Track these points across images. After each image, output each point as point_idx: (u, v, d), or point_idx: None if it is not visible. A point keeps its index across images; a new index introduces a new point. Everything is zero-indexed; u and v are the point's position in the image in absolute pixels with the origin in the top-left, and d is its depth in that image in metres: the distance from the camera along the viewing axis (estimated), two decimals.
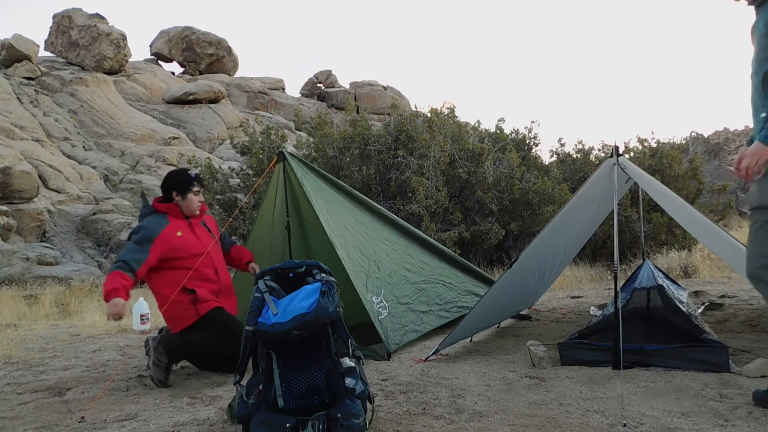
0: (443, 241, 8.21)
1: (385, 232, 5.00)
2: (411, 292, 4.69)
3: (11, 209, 12.63)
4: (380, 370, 3.75)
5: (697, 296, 6.01)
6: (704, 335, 3.57)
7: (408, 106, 25.24)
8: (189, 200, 3.87)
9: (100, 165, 16.63)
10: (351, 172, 9.59)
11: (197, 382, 3.76)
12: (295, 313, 2.58)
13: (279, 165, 4.54)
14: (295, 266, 2.92)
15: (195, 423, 2.89)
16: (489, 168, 9.84)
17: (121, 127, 18.75)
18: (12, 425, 3.02)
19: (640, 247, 8.94)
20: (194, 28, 28.12)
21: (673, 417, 2.64)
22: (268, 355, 2.67)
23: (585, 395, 3.03)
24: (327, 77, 31.18)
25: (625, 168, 3.75)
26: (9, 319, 7.21)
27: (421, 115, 10.90)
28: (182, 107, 21.74)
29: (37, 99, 18.69)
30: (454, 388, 3.26)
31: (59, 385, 3.86)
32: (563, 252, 4.97)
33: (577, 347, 3.68)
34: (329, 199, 4.66)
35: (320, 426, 2.40)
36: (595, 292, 7.30)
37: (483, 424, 2.68)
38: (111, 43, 22.20)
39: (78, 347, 5.35)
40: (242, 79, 26.53)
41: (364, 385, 2.65)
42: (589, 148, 12.33)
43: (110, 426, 2.93)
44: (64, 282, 10.23)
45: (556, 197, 9.93)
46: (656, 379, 3.23)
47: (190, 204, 3.88)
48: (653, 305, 4.35)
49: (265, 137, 11.17)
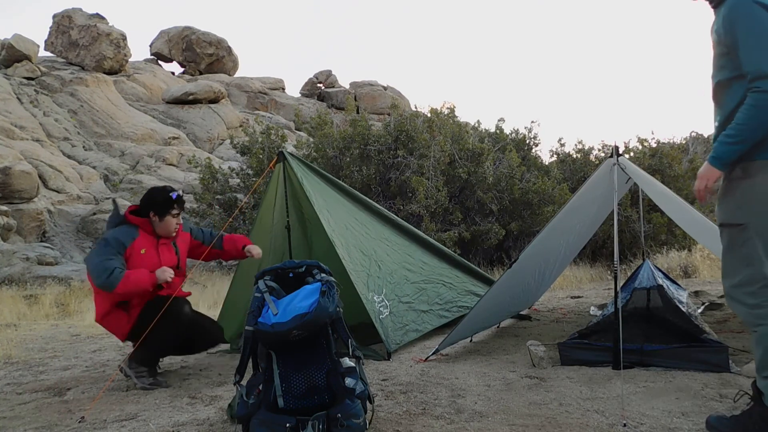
0: (443, 241, 8.22)
1: (385, 232, 5.00)
2: (412, 292, 4.70)
3: (11, 209, 12.63)
4: (380, 370, 3.75)
5: (697, 296, 6.01)
6: (704, 335, 3.57)
7: (408, 106, 25.23)
8: (166, 222, 3.71)
9: (100, 165, 16.63)
10: (351, 172, 9.60)
11: (197, 382, 3.76)
12: (295, 313, 2.58)
13: (279, 165, 4.54)
14: (295, 266, 2.92)
15: (195, 423, 2.89)
16: (489, 168, 9.84)
17: (121, 127, 18.75)
18: (12, 425, 3.02)
19: (640, 247, 8.95)
20: (194, 28, 28.11)
21: (673, 417, 2.64)
22: (268, 355, 2.67)
23: (585, 395, 3.03)
24: (327, 77, 31.18)
25: (625, 168, 3.76)
26: (9, 319, 7.20)
27: (421, 115, 10.91)
28: (182, 107, 21.73)
29: (37, 99, 18.69)
30: (454, 388, 3.26)
31: (59, 385, 3.86)
32: (563, 252, 4.97)
33: (577, 347, 3.69)
34: (329, 199, 4.66)
35: (320, 426, 2.40)
36: (595, 292, 7.30)
37: (483, 424, 2.68)
38: (111, 43, 22.20)
39: (78, 347, 5.35)
40: (242, 79, 26.53)
41: (364, 385, 2.65)
42: (589, 148, 12.36)
43: (110, 426, 2.93)
44: (64, 282, 10.22)
45: (556, 197, 9.93)
46: (656, 379, 3.23)
47: (167, 226, 3.73)
48: (653, 305, 4.36)
49: (265, 137, 11.18)
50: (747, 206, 2.36)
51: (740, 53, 2.30)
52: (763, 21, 2.27)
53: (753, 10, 2.29)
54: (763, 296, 2.31)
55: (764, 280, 2.31)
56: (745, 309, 2.36)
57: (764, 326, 2.30)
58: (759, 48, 2.26)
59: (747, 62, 2.28)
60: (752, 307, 2.33)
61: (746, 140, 2.30)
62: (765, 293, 2.31)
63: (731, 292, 2.43)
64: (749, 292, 2.34)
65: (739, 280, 2.38)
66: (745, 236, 2.36)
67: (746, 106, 2.28)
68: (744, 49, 2.29)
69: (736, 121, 2.31)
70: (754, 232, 2.34)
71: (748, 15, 2.29)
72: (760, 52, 2.26)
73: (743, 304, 2.37)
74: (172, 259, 3.80)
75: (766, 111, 2.24)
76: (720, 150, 2.38)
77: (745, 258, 2.36)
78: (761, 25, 2.27)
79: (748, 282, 2.35)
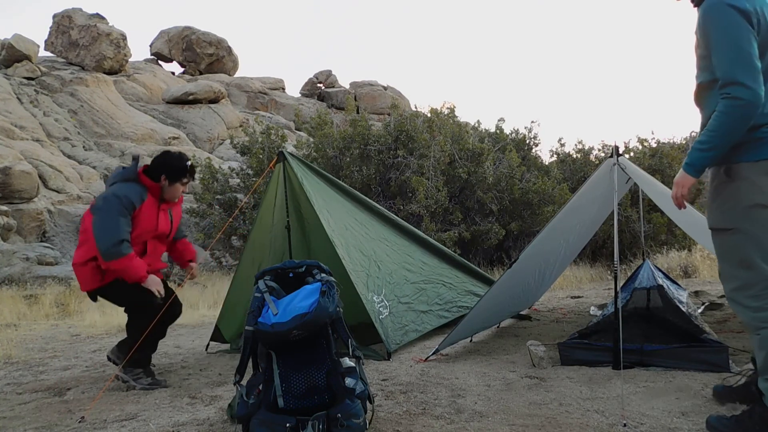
0: (443, 241, 8.22)
1: (384, 232, 5.00)
2: (411, 292, 4.70)
3: (11, 209, 12.62)
4: (380, 370, 3.75)
5: (697, 296, 6.01)
6: (704, 335, 3.57)
7: (408, 106, 25.23)
8: (175, 188, 3.73)
9: (100, 165, 16.62)
10: (351, 172, 9.59)
11: (197, 382, 3.76)
12: (295, 313, 2.58)
13: (279, 165, 4.54)
14: (295, 266, 2.92)
15: (195, 423, 2.89)
16: (489, 168, 9.84)
17: (121, 127, 18.74)
18: (12, 425, 3.02)
19: (640, 247, 8.95)
20: (194, 28, 28.10)
21: (673, 417, 2.64)
22: (268, 355, 2.67)
23: (585, 395, 3.03)
24: (327, 77, 31.16)
25: (625, 168, 3.76)
26: (9, 319, 7.20)
27: (421, 115, 10.91)
28: (182, 107, 21.72)
29: (37, 99, 18.69)
30: (454, 388, 3.26)
31: (59, 385, 3.86)
32: (563, 252, 4.97)
33: (577, 347, 3.68)
34: (329, 199, 4.66)
35: (320, 426, 2.40)
36: (595, 292, 7.30)
37: (483, 424, 2.68)
38: (111, 43, 22.19)
39: (78, 347, 5.35)
40: (242, 79, 26.52)
41: (364, 385, 2.65)
42: (589, 148, 12.37)
43: (110, 426, 2.93)
44: (64, 282, 10.22)
45: (556, 197, 9.93)
46: (656, 379, 3.23)
47: (174, 192, 3.75)
48: (653, 305, 4.36)
49: (265, 137, 11.18)
50: (733, 210, 2.35)
51: (713, 58, 2.29)
52: (735, 25, 2.23)
53: (726, 14, 2.25)
54: (766, 298, 2.29)
55: (765, 281, 2.30)
56: (749, 312, 2.34)
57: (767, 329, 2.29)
58: (729, 53, 2.24)
59: (718, 67, 2.27)
60: (755, 310, 2.31)
61: (717, 147, 2.29)
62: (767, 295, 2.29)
63: (733, 296, 2.41)
64: (751, 295, 2.32)
65: (739, 284, 2.37)
66: (736, 240, 2.35)
67: (717, 113, 2.27)
68: (715, 54, 2.28)
69: (708, 127, 2.30)
70: (744, 235, 2.33)
71: (721, 19, 2.27)
72: (729, 58, 2.24)
73: (746, 307, 2.35)
74: (167, 226, 3.83)
75: (734, 117, 2.23)
76: (693, 156, 2.37)
77: (742, 261, 2.34)
78: (733, 30, 2.24)
79: (749, 285, 2.33)
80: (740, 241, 2.34)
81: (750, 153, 2.29)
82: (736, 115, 2.22)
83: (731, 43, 2.23)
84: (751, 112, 2.21)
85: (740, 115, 2.22)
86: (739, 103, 2.20)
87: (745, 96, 2.19)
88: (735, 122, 2.23)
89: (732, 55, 2.23)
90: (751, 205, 2.30)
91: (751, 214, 2.30)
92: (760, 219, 2.30)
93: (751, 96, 2.19)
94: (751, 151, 2.29)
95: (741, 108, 2.21)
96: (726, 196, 2.37)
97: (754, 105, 2.20)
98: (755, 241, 2.31)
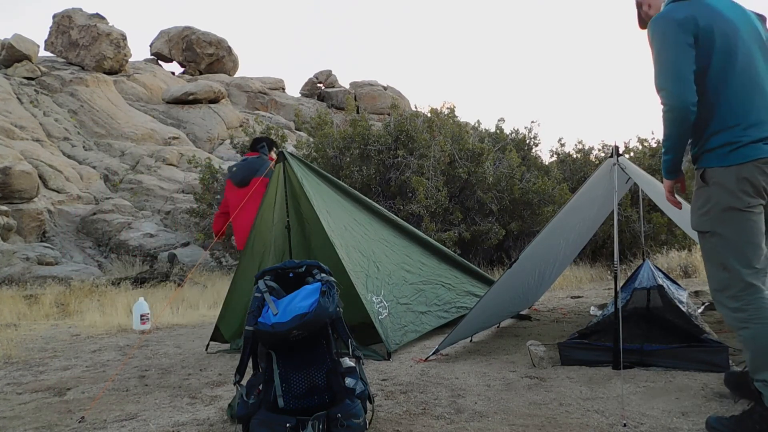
0: (443, 241, 8.21)
1: (384, 233, 5.00)
2: (410, 293, 4.70)
3: (11, 209, 12.62)
4: (380, 370, 3.75)
5: (697, 296, 6.01)
6: (704, 335, 3.57)
7: (408, 106, 25.22)
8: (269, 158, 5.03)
9: (100, 165, 16.62)
10: (351, 172, 9.59)
11: (197, 382, 3.76)
12: (295, 313, 2.58)
13: (279, 165, 4.54)
14: (295, 266, 2.92)
15: (195, 423, 2.89)
16: (489, 168, 9.83)
17: (121, 127, 18.74)
18: (12, 425, 3.02)
19: (640, 247, 8.95)
20: (194, 28, 28.08)
21: (673, 417, 2.64)
22: (268, 355, 2.67)
23: (585, 395, 3.03)
24: (327, 77, 31.15)
25: (625, 168, 3.76)
26: (9, 319, 7.20)
27: (421, 115, 10.90)
28: (182, 107, 21.72)
29: (37, 99, 18.68)
30: (454, 388, 3.26)
31: (59, 385, 3.86)
32: (563, 252, 4.97)
33: (577, 347, 3.68)
34: (329, 200, 4.66)
35: (320, 426, 2.40)
36: (595, 292, 7.30)
37: (483, 424, 2.68)
38: (111, 43, 22.19)
39: (78, 347, 5.35)
40: (242, 79, 26.51)
41: (364, 385, 2.65)
42: (589, 148, 12.36)
43: (110, 426, 2.93)
44: (64, 282, 10.21)
45: (556, 197, 9.93)
46: (656, 379, 3.23)
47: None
48: (653, 305, 4.35)
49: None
50: (708, 214, 2.42)
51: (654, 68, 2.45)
52: (665, 36, 2.39)
53: (659, 26, 2.42)
54: (744, 300, 2.33)
55: (742, 282, 2.34)
56: (729, 312, 2.40)
57: (748, 329, 2.33)
58: (658, 64, 2.41)
59: (655, 77, 2.42)
60: (734, 310, 2.37)
61: (670, 150, 2.46)
62: (745, 296, 2.33)
63: (715, 296, 2.47)
64: (730, 296, 2.38)
65: (719, 285, 2.43)
66: (714, 243, 2.41)
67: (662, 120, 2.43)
68: (655, 65, 2.44)
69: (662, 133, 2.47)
70: (720, 238, 2.38)
71: (656, 31, 2.43)
72: (658, 68, 2.41)
73: (726, 307, 2.41)
74: None
75: (670, 122, 2.39)
76: (662, 161, 2.55)
77: (720, 263, 2.40)
78: (664, 41, 2.39)
79: (727, 286, 2.38)
80: (717, 244, 2.41)
81: (721, 158, 2.37)
82: (669, 120, 2.39)
83: (659, 54, 2.41)
84: (681, 115, 2.35)
85: (673, 119, 2.37)
86: (667, 108, 2.37)
87: (671, 101, 2.35)
88: (673, 126, 2.39)
89: (660, 66, 2.41)
90: (725, 209, 2.36)
91: (725, 218, 2.36)
92: (733, 222, 2.35)
93: (676, 101, 2.34)
94: (722, 157, 2.37)
95: (670, 113, 2.36)
96: (703, 200, 2.44)
97: (681, 108, 2.34)
98: (730, 244, 2.37)
